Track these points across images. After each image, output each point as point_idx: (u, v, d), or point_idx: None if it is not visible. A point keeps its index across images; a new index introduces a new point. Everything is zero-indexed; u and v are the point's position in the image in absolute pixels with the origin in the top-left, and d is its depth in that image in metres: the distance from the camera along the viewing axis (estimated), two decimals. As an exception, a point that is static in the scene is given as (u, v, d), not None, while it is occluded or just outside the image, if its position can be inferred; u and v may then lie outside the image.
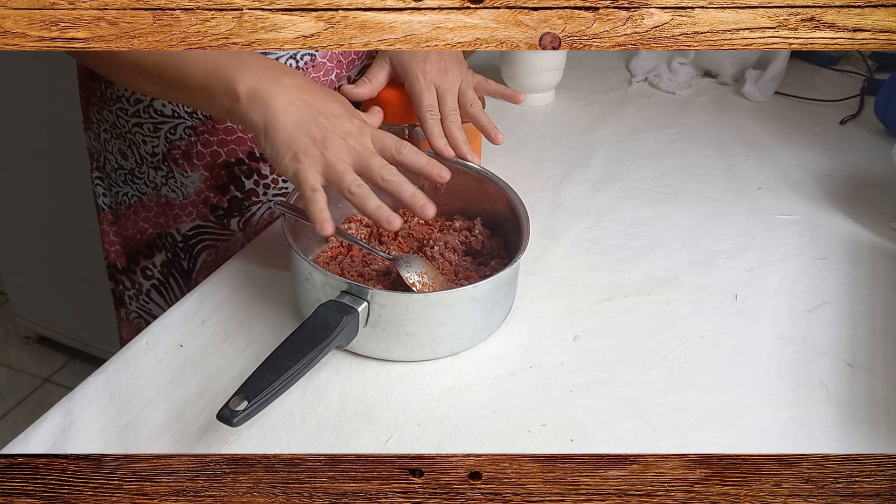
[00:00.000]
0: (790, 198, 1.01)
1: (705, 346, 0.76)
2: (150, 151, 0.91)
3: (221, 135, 0.89)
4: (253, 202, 0.94)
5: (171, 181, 0.92)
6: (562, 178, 1.04)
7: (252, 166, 0.92)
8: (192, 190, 0.92)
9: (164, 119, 0.88)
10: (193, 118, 0.88)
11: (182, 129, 0.88)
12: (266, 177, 0.92)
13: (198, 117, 0.88)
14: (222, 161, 0.90)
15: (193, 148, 0.89)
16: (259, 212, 0.95)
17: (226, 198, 0.93)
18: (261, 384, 0.61)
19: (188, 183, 0.91)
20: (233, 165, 0.91)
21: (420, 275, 0.76)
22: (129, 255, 1.01)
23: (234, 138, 0.90)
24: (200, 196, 0.92)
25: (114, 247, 1.01)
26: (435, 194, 0.87)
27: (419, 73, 0.85)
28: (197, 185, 0.91)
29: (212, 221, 0.94)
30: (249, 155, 0.91)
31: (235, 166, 0.91)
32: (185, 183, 0.91)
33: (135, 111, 0.88)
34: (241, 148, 0.90)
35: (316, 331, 0.66)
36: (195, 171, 0.90)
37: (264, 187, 0.93)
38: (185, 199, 0.93)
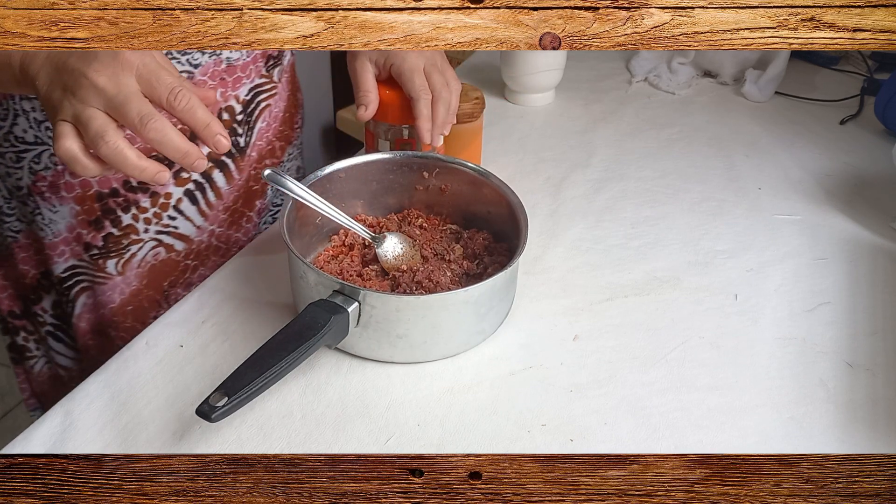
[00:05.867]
0: (790, 198, 1.01)
1: (705, 346, 0.76)
2: (14, 185, 0.81)
3: None
4: (132, 241, 0.85)
5: (39, 218, 0.81)
6: (562, 178, 1.04)
7: (129, 197, 0.82)
8: (63, 226, 0.82)
9: (27, 146, 0.78)
10: None
11: (47, 156, 0.78)
12: (146, 210, 0.84)
13: None
14: (94, 192, 0.81)
15: (61, 178, 0.79)
16: (141, 252, 0.85)
17: (100, 235, 0.83)
18: (242, 381, 0.61)
19: (58, 219, 0.81)
20: (106, 197, 0.81)
21: (395, 257, 0.78)
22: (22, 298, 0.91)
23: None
24: (73, 233, 0.82)
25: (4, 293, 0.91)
26: (440, 195, 0.87)
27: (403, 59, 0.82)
28: (68, 220, 0.81)
29: (86, 262, 0.84)
30: (125, 184, 0.81)
31: (109, 198, 0.81)
32: (53, 219, 0.81)
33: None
34: (116, 176, 0.80)
35: (303, 330, 0.66)
36: (65, 205, 0.80)
37: (145, 222, 0.84)
38: (56, 237, 0.82)
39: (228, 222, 0.91)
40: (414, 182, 0.87)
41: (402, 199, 0.88)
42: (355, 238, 0.83)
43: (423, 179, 0.87)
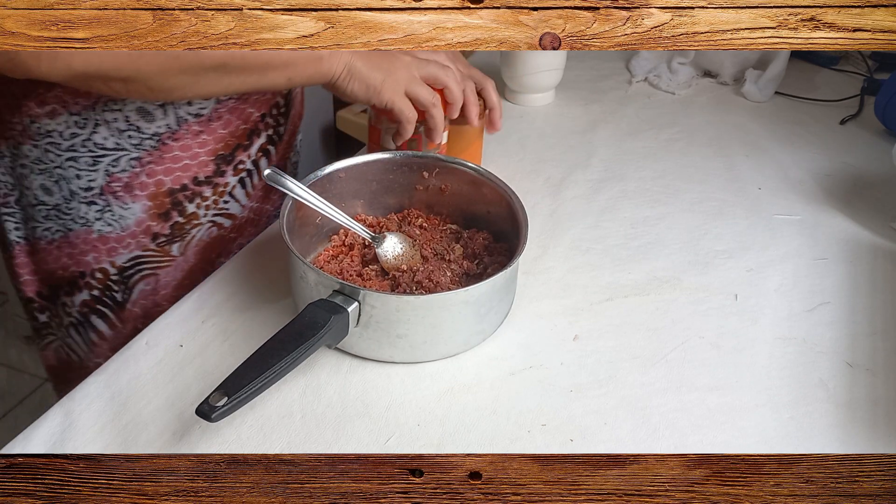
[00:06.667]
0: (790, 198, 1.01)
1: (705, 346, 0.76)
2: (84, 186, 0.87)
3: (168, 163, 0.88)
4: (194, 225, 0.93)
5: (108, 215, 0.89)
6: (562, 178, 1.04)
7: (195, 191, 0.91)
8: (131, 221, 0.90)
9: (106, 152, 0.85)
10: (139, 149, 0.86)
11: (126, 160, 0.86)
12: (207, 198, 0.92)
13: (143, 148, 0.86)
14: (167, 189, 0.89)
15: (136, 179, 0.87)
16: (199, 233, 0.94)
17: (168, 224, 0.91)
18: (242, 381, 0.61)
19: (128, 215, 0.89)
20: (177, 192, 0.90)
21: (395, 257, 0.79)
22: (50, 287, 0.96)
23: (181, 165, 0.88)
24: (141, 226, 0.90)
25: (30, 278, 0.96)
26: (440, 195, 0.87)
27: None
28: (138, 215, 0.89)
29: (152, 250, 0.92)
30: (194, 180, 0.90)
31: (179, 192, 0.90)
32: (124, 216, 0.89)
33: (70, 146, 0.85)
34: (187, 174, 0.89)
35: (303, 329, 0.66)
36: (137, 202, 0.89)
37: (205, 209, 0.93)
38: (123, 232, 0.90)
39: (262, 197, 0.99)
40: (414, 182, 0.87)
41: (402, 199, 0.88)
42: (355, 238, 0.83)
43: (423, 179, 0.87)
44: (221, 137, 0.90)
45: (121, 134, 0.85)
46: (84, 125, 0.84)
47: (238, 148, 0.92)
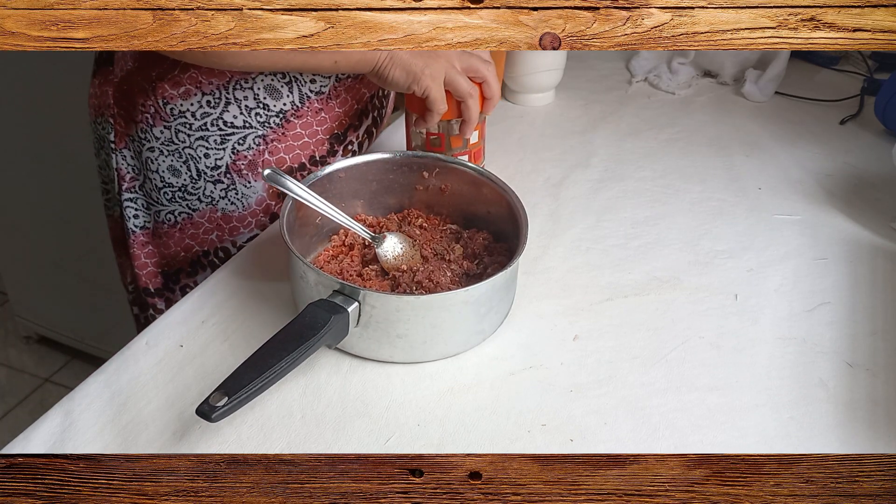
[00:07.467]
0: (790, 198, 1.01)
1: (705, 346, 0.76)
2: (211, 165, 0.92)
3: (290, 141, 0.92)
4: None
5: (232, 193, 0.94)
6: (562, 178, 1.04)
7: (312, 170, 0.95)
8: (253, 200, 0.94)
9: (235, 130, 0.90)
10: (265, 127, 0.90)
11: (252, 138, 0.91)
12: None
13: (269, 126, 0.91)
14: (286, 167, 0.93)
15: (260, 157, 0.92)
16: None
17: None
18: (242, 381, 0.61)
19: (250, 193, 0.94)
20: (295, 171, 0.94)
21: (395, 257, 0.80)
22: (165, 275, 1.00)
23: (301, 143, 0.93)
24: (261, 205, 0.95)
25: (146, 269, 1.00)
26: (440, 195, 0.87)
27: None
28: (259, 194, 0.94)
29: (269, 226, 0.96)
30: (311, 159, 0.95)
31: (297, 171, 0.95)
32: (246, 194, 0.94)
33: (201, 125, 0.89)
34: (305, 153, 0.94)
35: (303, 329, 0.66)
36: (259, 181, 0.94)
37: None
38: (245, 210, 0.95)
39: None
40: (414, 182, 0.87)
41: (402, 198, 0.88)
42: (355, 238, 0.83)
43: (423, 179, 0.87)
44: (337, 116, 0.95)
45: (249, 112, 0.89)
46: (217, 104, 0.88)
47: (350, 128, 0.97)
